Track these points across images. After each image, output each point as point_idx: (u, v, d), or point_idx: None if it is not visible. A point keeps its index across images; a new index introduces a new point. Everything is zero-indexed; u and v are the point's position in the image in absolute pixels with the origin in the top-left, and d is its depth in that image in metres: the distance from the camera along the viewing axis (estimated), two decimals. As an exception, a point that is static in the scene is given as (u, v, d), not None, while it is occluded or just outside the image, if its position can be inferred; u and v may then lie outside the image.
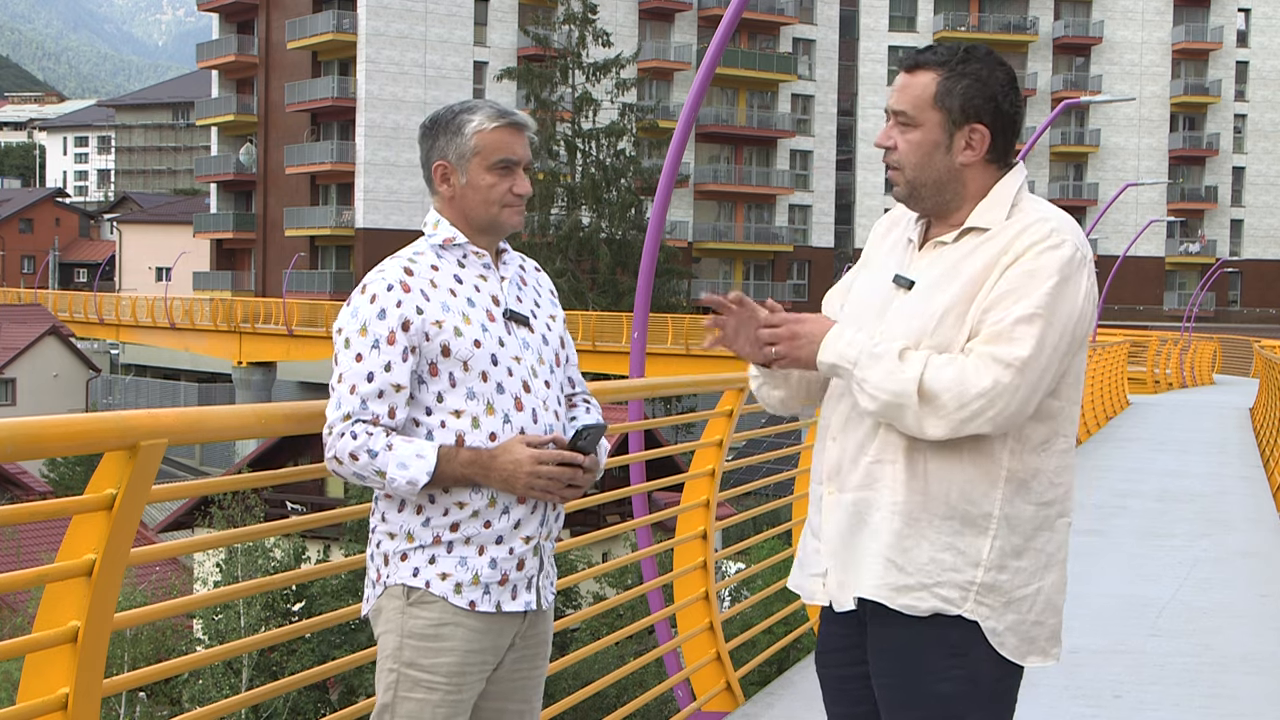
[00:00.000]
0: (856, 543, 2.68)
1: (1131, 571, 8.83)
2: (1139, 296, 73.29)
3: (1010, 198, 2.67)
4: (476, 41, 63.68)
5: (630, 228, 52.30)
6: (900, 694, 2.67)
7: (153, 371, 68.56)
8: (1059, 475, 2.67)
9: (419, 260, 2.88)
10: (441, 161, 2.92)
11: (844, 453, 2.71)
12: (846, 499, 2.70)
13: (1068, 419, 2.68)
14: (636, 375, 8.49)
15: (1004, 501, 2.61)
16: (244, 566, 20.85)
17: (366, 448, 2.77)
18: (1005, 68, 2.69)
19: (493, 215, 2.92)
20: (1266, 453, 15.38)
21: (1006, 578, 2.62)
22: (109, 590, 2.62)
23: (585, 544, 4.79)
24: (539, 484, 2.81)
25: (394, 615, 2.86)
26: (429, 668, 2.82)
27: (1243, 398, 27.49)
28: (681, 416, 5.78)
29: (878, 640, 2.70)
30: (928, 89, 2.67)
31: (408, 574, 2.85)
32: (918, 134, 2.68)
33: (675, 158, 8.53)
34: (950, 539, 2.60)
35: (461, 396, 2.83)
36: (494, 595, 2.86)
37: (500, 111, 2.92)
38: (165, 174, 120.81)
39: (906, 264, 2.72)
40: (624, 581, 21.56)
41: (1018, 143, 2.74)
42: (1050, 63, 74.16)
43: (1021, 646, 2.65)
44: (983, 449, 2.60)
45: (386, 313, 2.80)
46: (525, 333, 2.94)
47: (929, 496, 2.62)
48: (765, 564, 6.99)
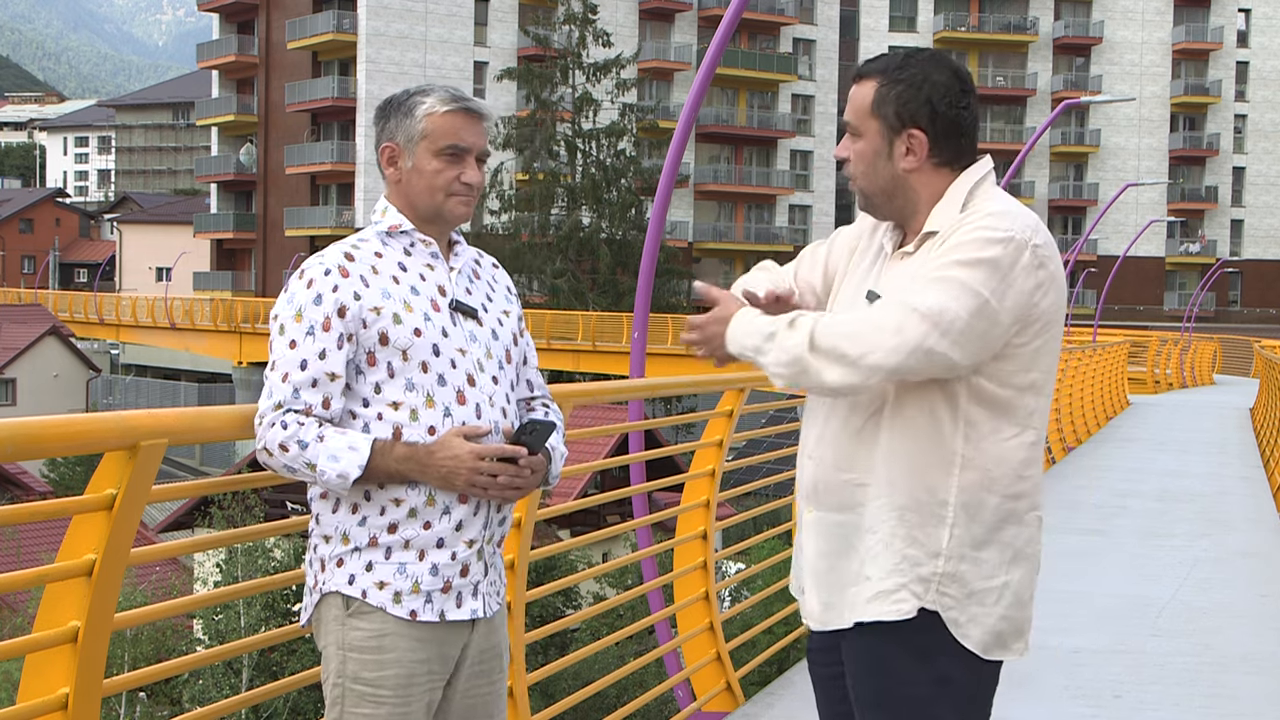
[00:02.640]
0: (839, 565, 2.69)
1: (1132, 571, 8.83)
2: (1139, 297, 73.29)
3: (962, 197, 2.65)
4: (477, 41, 63.69)
5: (630, 228, 52.30)
6: (872, 696, 2.68)
7: (153, 371, 68.54)
8: (1026, 468, 2.65)
9: (362, 247, 2.77)
10: (389, 143, 2.81)
11: (820, 471, 2.71)
12: (826, 519, 2.70)
13: (1030, 412, 2.64)
14: (636, 375, 8.50)
15: (960, 489, 2.60)
16: (244, 566, 20.82)
17: (297, 438, 2.64)
18: (947, 69, 2.66)
19: (437, 204, 2.79)
20: (1266, 453, 15.39)
21: (968, 568, 2.60)
22: (109, 590, 2.62)
23: (585, 544, 4.79)
24: (480, 480, 2.67)
25: (333, 626, 2.73)
26: (373, 681, 2.69)
27: (1243, 398, 27.49)
28: (681, 417, 5.78)
29: (849, 644, 2.71)
30: (866, 98, 2.68)
31: (343, 581, 2.71)
32: (861, 144, 2.70)
33: (675, 158, 8.53)
34: (912, 531, 2.61)
35: (400, 388, 2.69)
36: (436, 604, 2.72)
37: (454, 96, 2.80)
38: (165, 174, 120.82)
39: (878, 276, 2.72)
40: (624, 582, 21.55)
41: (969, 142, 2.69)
42: (1050, 63, 74.14)
43: (986, 640, 2.63)
44: (934, 435, 2.60)
45: (323, 298, 2.67)
46: (473, 326, 2.80)
47: (897, 496, 2.61)
48: (765, 564, 6.98)
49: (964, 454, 2.60)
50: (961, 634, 2.61)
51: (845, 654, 2.72)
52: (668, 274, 50.68)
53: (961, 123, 2.66)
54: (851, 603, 2.66)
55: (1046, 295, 2.59)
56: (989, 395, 2.60)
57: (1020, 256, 2.54)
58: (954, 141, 2.67)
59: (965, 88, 2.68)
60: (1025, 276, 2.55)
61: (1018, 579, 2.65)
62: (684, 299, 53.04)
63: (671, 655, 6.30)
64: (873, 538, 2.63)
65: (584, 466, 4.82)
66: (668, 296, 50.34)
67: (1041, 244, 2.58)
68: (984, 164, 2.71)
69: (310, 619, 2.81)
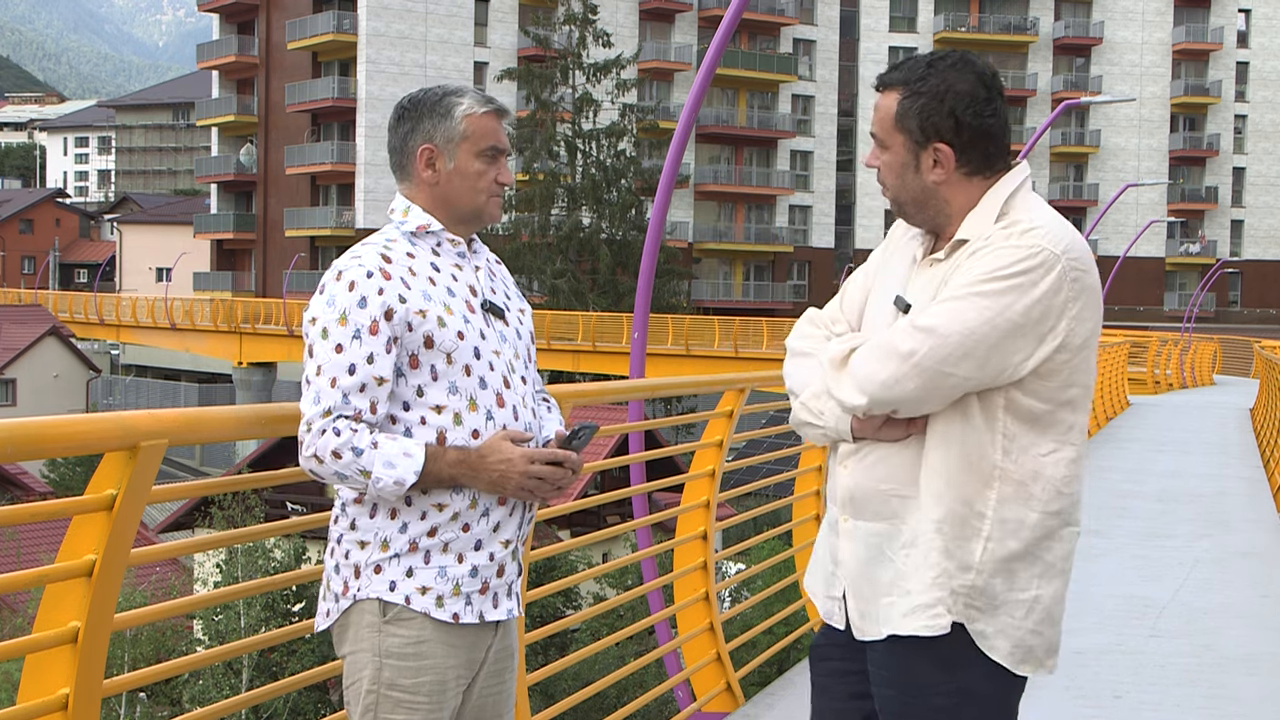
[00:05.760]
0: (877, 576, 2.67)
1: (1132, 572, 8.82)
2: (1139, 297, 73.29)
3: (998, 205, 2.62)
4: (477, 42, 63.71)
5: (630, 228, 52.31)
6: (897, 705, 2.67)
7: (153, 372, 68.53)
8: (1067, 485, 2.62)
9: (393, 247, 2.72)
10: (428, 145, 2.76)
11: (857, 481, 2.69)
12: (863, 528, 2.68)
13: (1069, 427, 2.62)
14: (637, 376, 8.50)
15: (998, 503, 2.58)
16: (244, 567, 20.82)
17: (351, 445, 2.60)
18: (969, 77, 2.61)
19: (479, 204, 2.78)
20: (1267, 453, 15.38)
21: (999, 581, 2.58)
22: (109, 591, 2.62)
23: (585, 544, 4.79)
24: (530, 484, 2.68)
25: (367, 633, 2.69)
26: (410, 688, 2.68)
27: (1243, 398, 27.48)
28: (682, 417, 5.78)
29: (877, 653, 2.69)
30: (890, 111, 2.66)
31: (383, 588, 2.68)
32: (889, 155, 2.68)
33: (675, 158, 8.54)
34: (948, 544, 2.59)
35: (443, 391, 2.67)
36: (476, 605, 2.72)
37: (486, 98, 2.81)
38: (165, 174, 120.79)
39: (908, 282, 2.71)
40: (624, 582, 21.56)
41: (998, 147, 2.66)
42: (1050, 63, 74.15)
43: (1015, 653, 2.61)
44: (974, 448, 2.58)
45: (367, 301, 2.63)
46: (502, 326, 2.80)
47: (936, 510, 2.60)
48: (765, 565, 6.98)
49: (1002, 467, 2.58)
50: (988, 646, 2.59)
51: (871, 662, 2.70)
52: (668, 274, 50.69)
53: (988, 130, 2.63)
54: (886, 614, 2.64)
55: (1082, 309, 2.56)
56: (1026, 410, 2.58)
57: (1050, 274, 2.52)
58: (982, 150, 2.63)
59: (991, 93, 2.63)
60: (1056, 294, 2.53)
61: (1049, 594, 2.63)
62: (684, 299, 53.10)
63: (671, 656, 6.30)
64: (913, 551, 2.61)
65: (584, 467, 4.84)
66: (668, 297, 50.36)
67: (1077, 258, 2.56)
68: (1020, 171, 2.67)
69: (334, 625, 2.76)
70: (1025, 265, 2.52)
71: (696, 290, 64.23)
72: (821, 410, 2.68)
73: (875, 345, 2.59)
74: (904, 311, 2.65)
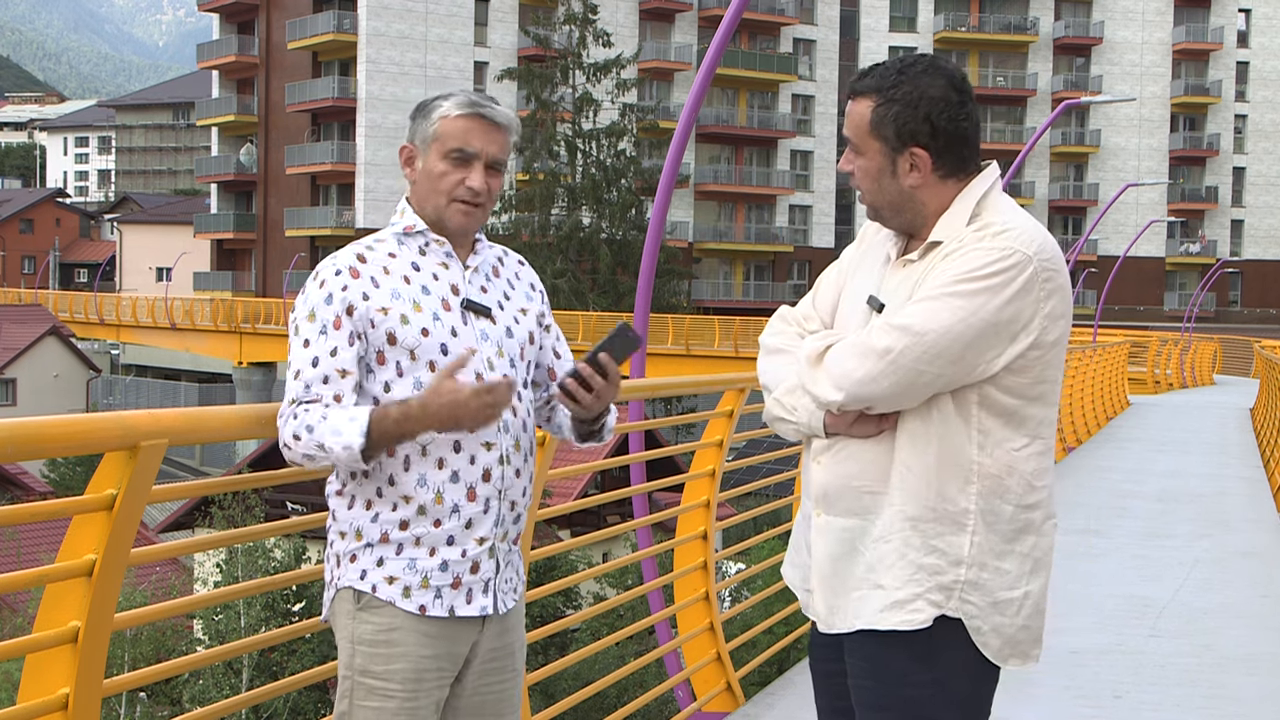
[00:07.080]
0: (847, 570, 2.70)
1: (1132, 572, 8.83)
2: (1139, 297, 73.30)
3: (970, 207, 2.66)
4: (477, 42, 63.71)
5: (630, 228, 52.33)
6: (873, 698, 2.70)
7: (153, 372, 68.55)
8: (1038, 478, 2.68)
9: (377, 247, 2.80)
10: (408, 144, 2.84)
11: (830, 477, 2.72)
12: (836, 524, 2.72)
13: (1039, 422, 2.68)
14: (636, 375, 8.50)
15: (979, 497, 2.63)
16: (244, 567, 20.83)
17: (305, 424, 2.67)
18: (941, 82, 2.65)
19: (439, 208, 2.79)
20: (1267, 453, 15.38)
21: (989, 577, 2.63)
22: (109, 590, 2.62)
23: (585, 544, 4.79)
24: (489, 412, 2.63)
25: (345, 620, 2.77)
26: (382, 675, 2.73)
27: (1243, 398, 27.49)
28: (682, 417, 5.78)
29: (853, 647, 2.72)
30: (865, 117, 2.69)
31: (355, 576, 2.76)
32: (864, 161, 2.71)
33: (675, 158, 8.53)
34: (929, 541, 2.63)
35: (409, 386, 2.72)
36: (446, 599, 2.74)
37: (472, 101, 2.79)
38: (165, 174, 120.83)
39: (881, 282, 2.74)
40: (624, 582, 21.56)
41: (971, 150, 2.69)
42: (1050, 63, 74.14)
43: (1004, 649, 2.67)
44: (949, 444, 2.63)
45: (333, 298, 2.72)
46: (485, 324, 2.82)
47: (910, 507, 2.63)
48: (765, 564, 6.97)
49: (979, 462, 2.63)
50: (983, 642, 2.65)
51: (848, 655, 2.74)
52: (668, 274, 50.73)
53: (962, 133, 2.67)
54: (856, 608, 2.68)
55: (1052, 308, 2.61)
56: (1000, 405, 2.63)
57: (1022, 275, 2.57)
58: (956, 153, 2.67)
59: (963, 96, 2.67)
60: (1028, 294, 2.58)
61: (1037, 588, 2.70)
62: (684, 299, 53.10)
63: (671, 655, 6.30)
64: (885, 546, 2.65)
65: (584, 467, 4.91)
66: (668, 296, 50.39)
67: (1049, 259, 2.61)
68: (990, 173, 2.72)
69: (328, 614, 2.85)
70: (999, 266, 2.57)
71: (697, 290, 64.23)
72: (795, 406, 2.73)
73: (851, 343, 2.64)
74: (877, 311, 2.69)
